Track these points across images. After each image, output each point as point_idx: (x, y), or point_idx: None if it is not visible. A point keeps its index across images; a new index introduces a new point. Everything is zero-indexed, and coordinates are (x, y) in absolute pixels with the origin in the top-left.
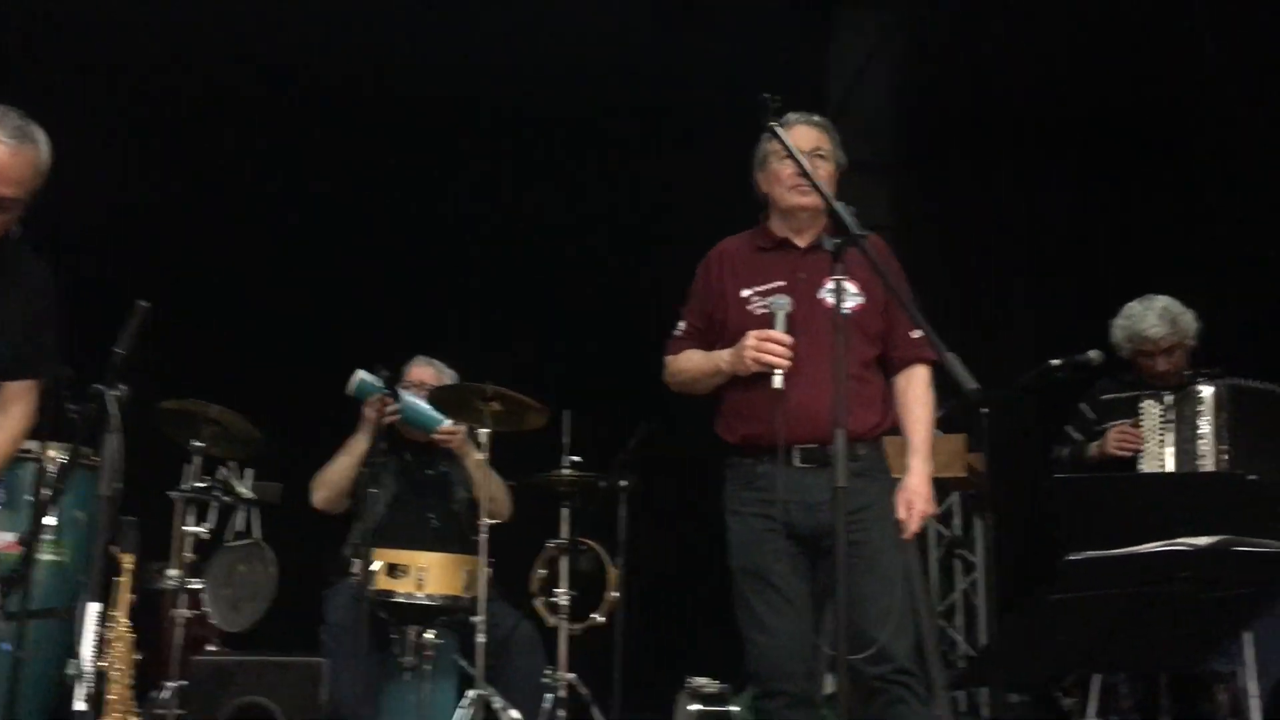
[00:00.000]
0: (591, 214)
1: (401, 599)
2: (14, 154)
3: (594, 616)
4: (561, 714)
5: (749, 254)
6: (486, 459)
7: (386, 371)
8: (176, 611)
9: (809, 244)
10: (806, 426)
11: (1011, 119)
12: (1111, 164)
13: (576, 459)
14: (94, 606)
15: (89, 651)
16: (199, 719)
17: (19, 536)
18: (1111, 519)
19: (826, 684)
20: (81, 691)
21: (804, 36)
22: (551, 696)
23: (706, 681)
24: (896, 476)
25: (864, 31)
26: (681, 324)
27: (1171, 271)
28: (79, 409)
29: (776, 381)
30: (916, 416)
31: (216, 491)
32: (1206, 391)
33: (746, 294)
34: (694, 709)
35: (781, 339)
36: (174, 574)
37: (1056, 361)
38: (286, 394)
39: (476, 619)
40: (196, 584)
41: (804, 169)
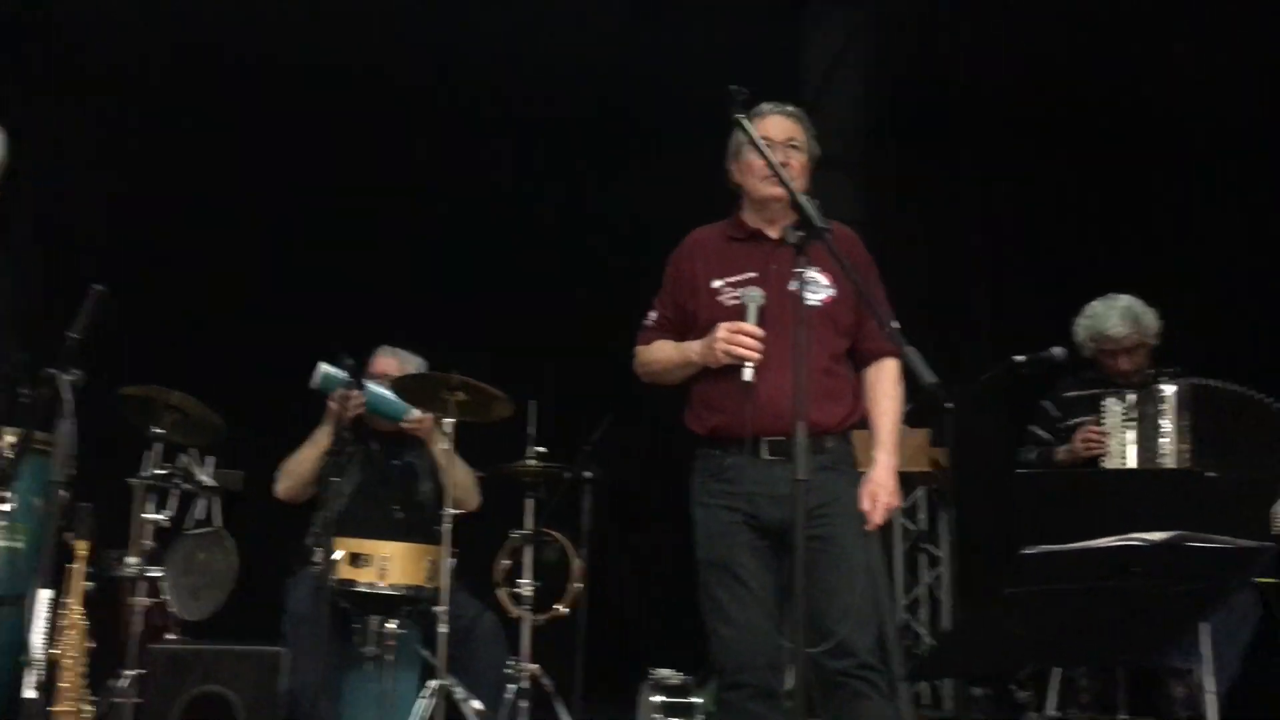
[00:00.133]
0: (560, 206)
1: (364, 589)
2: None
3: (557, 607)
4: (524, 705)
5: (721, 244)
6: (452, 447)
7: (350, 360)
8: (135, 599)
9: (782, 235)
10: (775, 419)
11: (980, 116)
12: (1076, 161)
13: (542, 450)
14: (45, 593)
15: (39, 639)
16: (156, 708)
17: None
18: (1072, 514)
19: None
20: (32, 679)
21: (776, 34)
22: (514, 687)
23: (669, 673)
24: (864, 470)
25: (835, 29)
26: (652, 314)
27: (1134, 268)
28: (31, 393)
29: (747, 374)
30: (884, 409)
31: (177, 479)
32: (1168, 391)
33: (718, 285)
34: (657, 700)
35: (753, 331)
36: (133, 562)
37: (1020, 358)
38: (249, 381)
39: (439, 609)
40: (156, 572)
41: (769, 160)
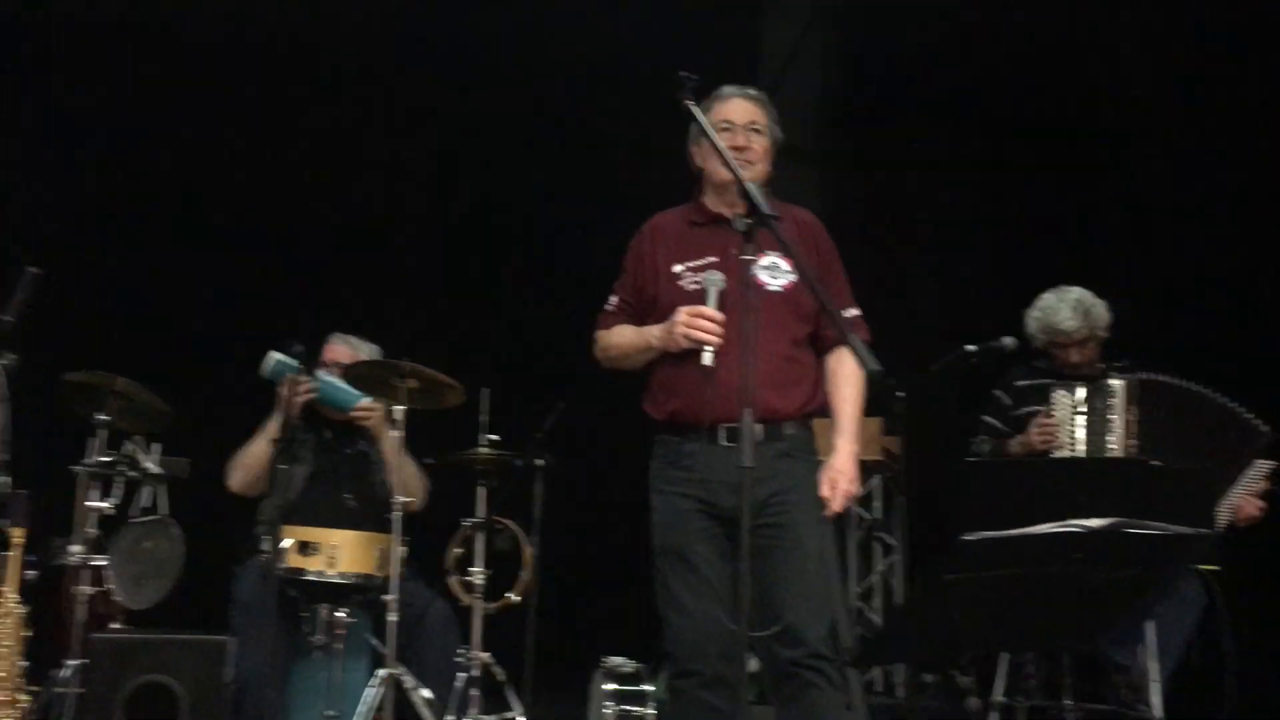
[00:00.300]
0: (513, 191)
1: (313, 577)
2: None
3: (509, 596)
4: (475, 693)
5: (682, 228)
6: (402, 437)
7: (301, 348)
8: (79, 588)
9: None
10: (733, 404)
11: (936, 105)
12: (1030, 151)
13: (494, 438)
14: None
15: None
16: (99, 698)
17: None
18: (1020, 503)
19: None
20: None
21: (734, 22)
22: (465, 676)
23: (622, 661)
24: (824, 459)
25: (793, 18)
26: (613, 298)
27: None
28: None
29: (706, 358)
30: (845, 396)
31: (122, 466)
32: (1118, 385)
33: (679, 269)
34: (609, 688)
35: (713, 315)
36: (77, 550)
37: (972, 347)
38: (196, 366)
39: (389, 598)
40: (100, 560)
41: (716, 145)
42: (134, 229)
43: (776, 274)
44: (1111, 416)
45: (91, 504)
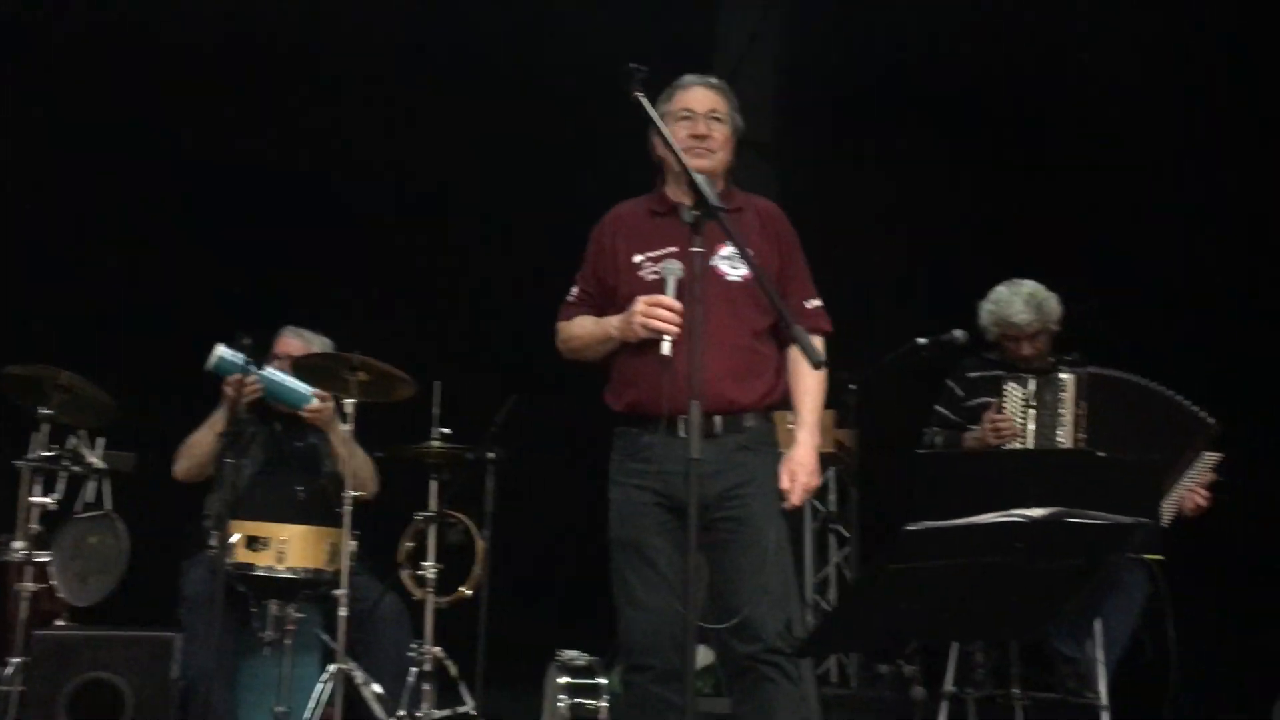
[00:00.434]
0: (465, 184)
1: (261, 572)
2: None
3: (461, 590)
4: (427, 688)
5: (642, 218)
6: (352, 430)
7: (249, 341)
8: (22, 585)
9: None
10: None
11: (893, 99)
12: (985, 144)
13: (446, 431)
14: None
15: None
16: (41, 695)
17: None
18: (969, 493)
19: (698, 658)
20: None
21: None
22: (417, 670)
23: (576, 654)
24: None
25: (749, 10)
26: (574, 289)
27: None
28: None
29: (664, 348)
30: (806, 388)
31: (65, 461)
32: (1068, 379)
33: (639, 259)
34: (562, 681)
35: (670, 304)
36: (19, 546)
37: (922, 340)
38: (142, 359)
39: (339, 592)
40: (44, 556)
41: (665, 137)
42: (77, 220)
43: (737, 264)
44: (1061, 410)
45: (34, 499)
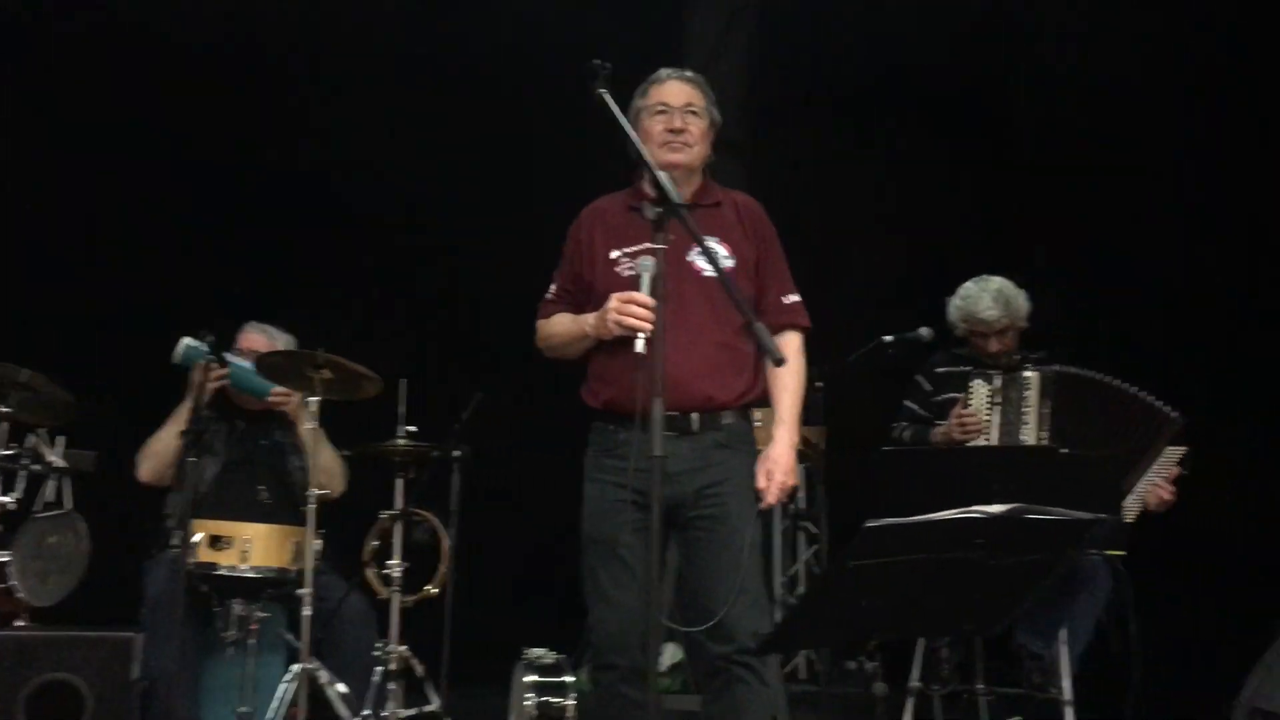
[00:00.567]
0: (434, 180)
1: (225, 572)
2: None
3: (427, 588)
4: (392, 687)
5: (619, 214)
6: (318, 427)
7: (212, 336)
8: None
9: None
10: (668, 393)
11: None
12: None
13: (412, 429)
14: None
15: None
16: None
17: None
18: (933, 490)
19: (666, 655)
20: None
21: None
22: (382, 669)
23: (543, 652)
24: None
25: (720, 8)
26: (553, 286)
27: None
28: None
29: (638, 345)
30: (784, 384)
31: (25, 459)
32: (1032, 377)
33: (615, 255)
34: (530, 680)
35: (645, 301)
36: None
37: (889, 338)
38: (102, 357)
39: (303, 591)
40: (3, 556)
41: (630, 134)
42: (37, 217)
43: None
44: (1026, 408)
45: None
